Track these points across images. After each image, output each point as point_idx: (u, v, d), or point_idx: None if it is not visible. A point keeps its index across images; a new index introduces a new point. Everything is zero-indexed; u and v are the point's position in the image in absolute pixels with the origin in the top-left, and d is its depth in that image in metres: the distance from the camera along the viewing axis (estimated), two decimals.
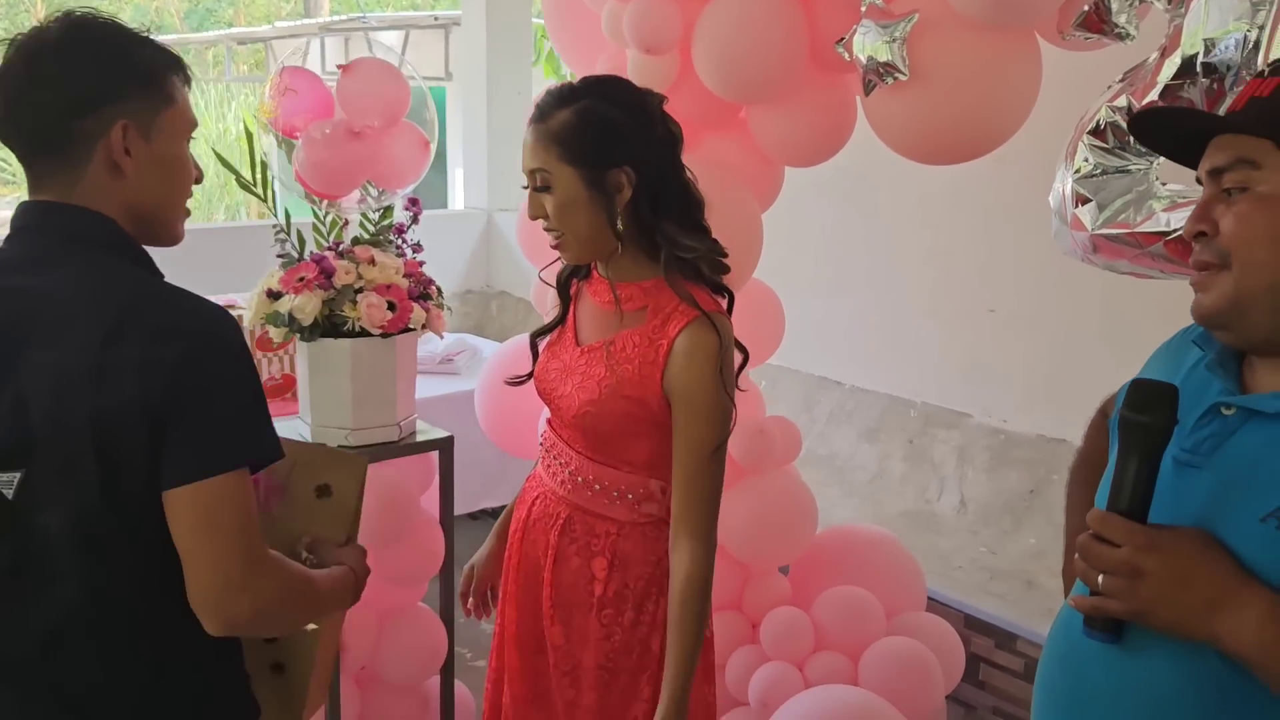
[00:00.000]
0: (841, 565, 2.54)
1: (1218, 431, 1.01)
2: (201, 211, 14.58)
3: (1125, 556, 0.95)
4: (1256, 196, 0.99)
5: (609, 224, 1.52)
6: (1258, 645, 0.90)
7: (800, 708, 2.16)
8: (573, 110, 1.51)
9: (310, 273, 2.17)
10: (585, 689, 1.63)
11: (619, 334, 1.56)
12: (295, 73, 2.25)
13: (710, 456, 1.52)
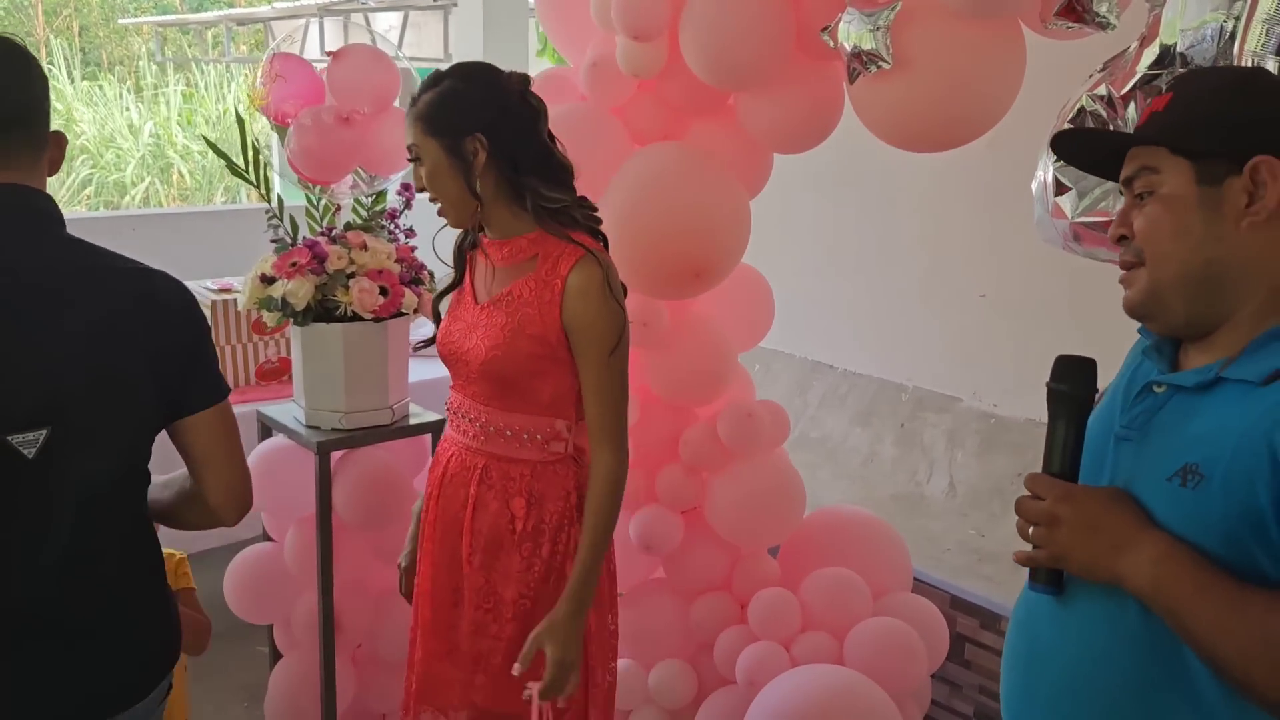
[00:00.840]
0: (829, 547, 2.57)
1: (1149, 408, 1.09)
2: (202, 193, 14.60)
3: (1046, 507, 1.05)
4: (1159, 198, 1.08)
5: (466, 185, 1.69)
6: (1151, 581, 0.98)
7: (785, 686, 2.20)
8: (434, 91, 1.71)
9: (303, 258, 2.20)
10: (506, 621, 1.76)
11: (515, 283, 1.72)
12: (286, 59, 2.27)
13: (608, 364, 1.70)
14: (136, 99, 15.31)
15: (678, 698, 2.49)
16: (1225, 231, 1.05)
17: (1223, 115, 1.07)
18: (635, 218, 2.17)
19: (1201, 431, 1.01)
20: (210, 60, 14.74)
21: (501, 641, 1.76)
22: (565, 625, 1.66)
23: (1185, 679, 0.99)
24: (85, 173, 14.61)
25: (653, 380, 2.47)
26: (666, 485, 2.49)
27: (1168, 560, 0.97)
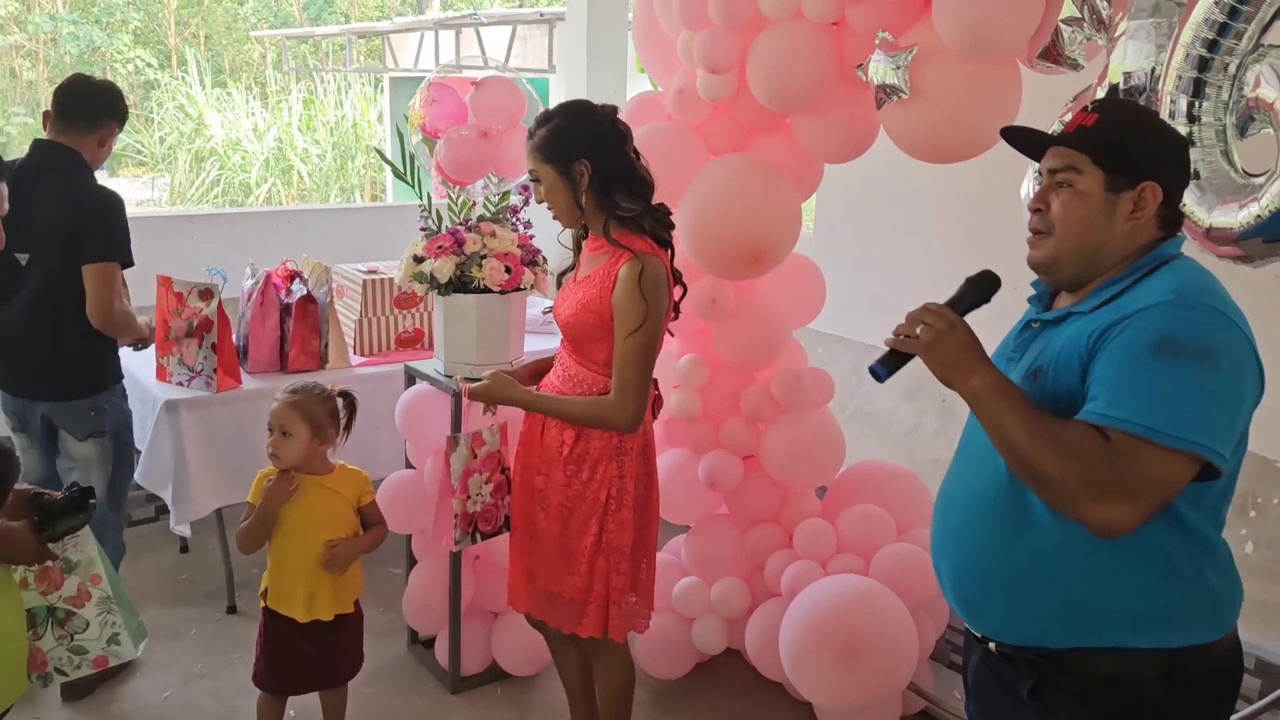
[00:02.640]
0: (865, 490, 3.08)
1: (1027, 338, 1.62)
2: (318, 193, 15.58)
3: (938, 317, 1.53)
4: (1076, 192, 1.56)
5: (574, 199, 2.27)
6: (980, 394, 1.47)
7: (816, 591, 2.73)
8: (546, 128, 2.28)
9: (447, 242, 2.82)
10: (552, 520, 2.38)
11: (594, 270, 2.31)
12: (439, 86, 2.89)
13: (627, 341, 2.22)
14: (262, 105, 16.34)
15: (734, 608, 3.04)
16: (1112, 225, 1.54)
17: (1133, 145, 1.54)
18: (708, 213, 2.73)
19: (1049, 346, 1.53)
20: (330, 70, 15.70)
21: (550, 536, 2.39)
22: (508, 390, 2.37)
23: (1027, 508, 1.49)
24: (214, 173, 15.70)
25: (719, 347, 3.01)
26: (729, 434, 3.03)
27: (995, 385, 1.46)
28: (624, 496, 2.34)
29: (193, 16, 22.72)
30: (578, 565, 2.36)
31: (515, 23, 10.91)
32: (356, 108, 15.67)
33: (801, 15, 2.57)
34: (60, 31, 19.55)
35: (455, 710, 3.02)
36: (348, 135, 15.71)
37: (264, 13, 22.10)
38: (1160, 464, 1.36)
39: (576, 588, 2.37)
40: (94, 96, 2.93)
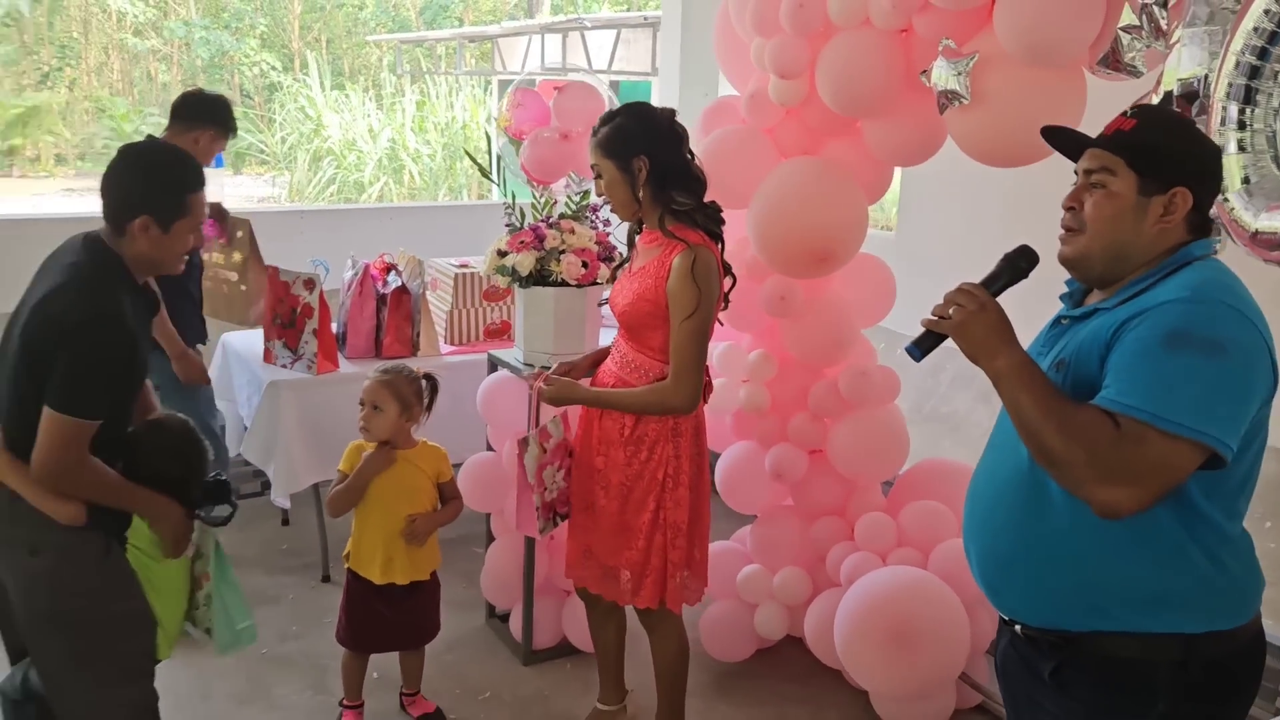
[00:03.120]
0: (929, 487, 3.14)
1: (1057, 334, 1.68)
2: (428, 192, 16.08)
3: (972, 298, 1.60)
4: (1109, 193, 1.62)
5: (633, 193, 2.43)
6: (994, 376, 1.54)
7: (873, 579, 2.81)
8: (609, 126, 2.45)
9: (528, 238, 2.99)
10: (611, 499, 2.53)
11: (648, 261, 2.47)
12: (524, 92, 3.07)
13: (682, 326, 2.37)
14: (377, 106, 16.94)
15: (795, 596, 3.14)
16: (1142, 227, 1.61)
17: (1168, 151, 1.60)
18: (775, 213, 2.84)
19: (1073, 340, 1.60)
20: (442, 72, 16.19)
21: (609, 513, 2.54)
22: (572, 391, 2.52)
23: (1045, 492, 1.57)
24: (330, 172, 16.33)
25: (788, 343, 3.11)
26: (796, 428, 3.13)
27: (1019, 366, 1.53)
28: (680, 475, 2.49)
29: (315, 21, 23.66)
30: (635, 540, 2.51)
31: (619, 27, 11.12)
32: (466, 110, 16.13)
33: (869, 23, 2.66)
34: (193, 36, 20.60)
35: (526, 680, 3.20)
36: (457, 136, 16.18)
37: (382, 17, 22.90)
38: (1165, 450, 1.42)
39: (634, 561, 2.52)
40: (197, 104, 3.34)
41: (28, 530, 2.04)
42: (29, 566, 2.06)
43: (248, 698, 3.06)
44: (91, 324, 1.96)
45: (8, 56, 20.39)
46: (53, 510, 2.03)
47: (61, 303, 1.98)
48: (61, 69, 21.44)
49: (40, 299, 2.00)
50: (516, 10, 21.70)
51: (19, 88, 21.02)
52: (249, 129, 17.14)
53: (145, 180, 2.08)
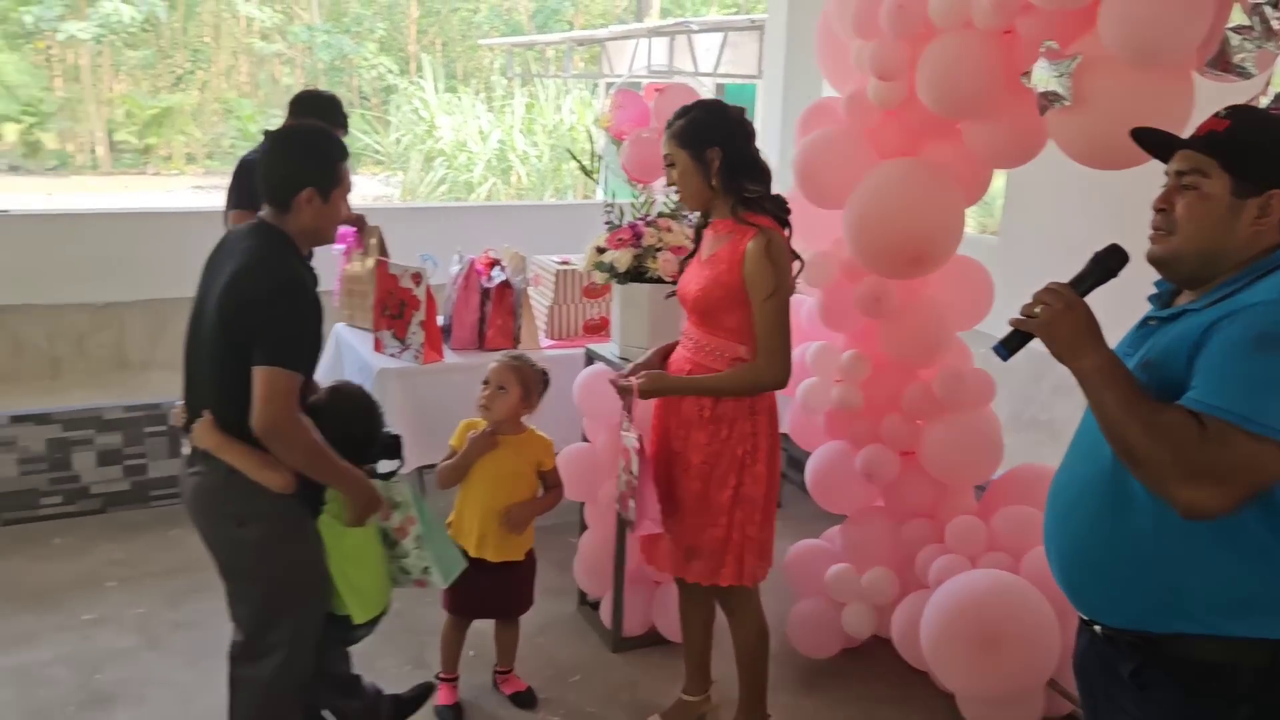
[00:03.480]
0: (1026, 493, 3.10)
1: (1144, 335, 1.67)
2: (535, 192, 16.38)
3: (1059, 297, 1.59)
4: (1202, 195, 1.61)
5: (706, 182, 2.52)
6: (1089, 374, 1.54)
7: (961, 581, 2.80)
8: (684, 119, 2.56)
9: (627, 235, 3.07)
10: (692, 479, 2.60)
11: (720, 248, 2.54)
12: (625, 94, 3.15)
13: (764, 305, 2.46)
14: (488, 109, 17.33)
15: (883, 596, 3.14)
16: (1235, 230, 1.59)
17: (1263, 153, 1.59)
18: (870, 213, 2.86)
19: (1160, 341, 1.60)
20: (551, 75, 16.47)
21: (690, 494, 2.60)
22: (664, 381, 2.57)
23: (1128, 492, 1.56)
24: (441, 173, 16.77)
25: (882, 344, 3.12)
26: (888, 429, 3.14)
27: (1105, 366, 1.53)
28: (758, 452, 2.57)
29: (431, 25, 24.31)
30: (718, 518, 2.58)
31: (726, 30, 11.16)
32: (574, 112, 16.38)
33: (970, 24, 2.66)
34: (315, 40, 21.38)
35: (614, 666, 3.28)
36: (564, 138, 16.44)
37: (495, 21, 23.40)
38: (1250, 451, 1.41)
39: (717, 539, 2.59)
40: (307, 100, 3.62)
41: (238, 503, 2.26)
42: (236, 536, 2.29)
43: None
44: (284, 289, 2.19)
45: (145, 60, 21.50)
46: (268, 479, 2.23)
47: (250, 279, 2.19)
48: (194, 72, 22.50)
49: (227, 283, 2.20)
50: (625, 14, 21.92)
51: (155, 90, 22.15)
52: (365, 130, 17.70)
53: (303, 156, 2.29)
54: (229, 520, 2.29)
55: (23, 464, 4.11)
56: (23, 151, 20.71)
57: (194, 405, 2.32)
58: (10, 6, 19.66)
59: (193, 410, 2.31)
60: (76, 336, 4.94)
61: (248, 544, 2.30)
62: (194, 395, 2.32)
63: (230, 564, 2.36)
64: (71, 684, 3.09)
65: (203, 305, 2.28)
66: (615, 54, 13.57)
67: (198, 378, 2.31)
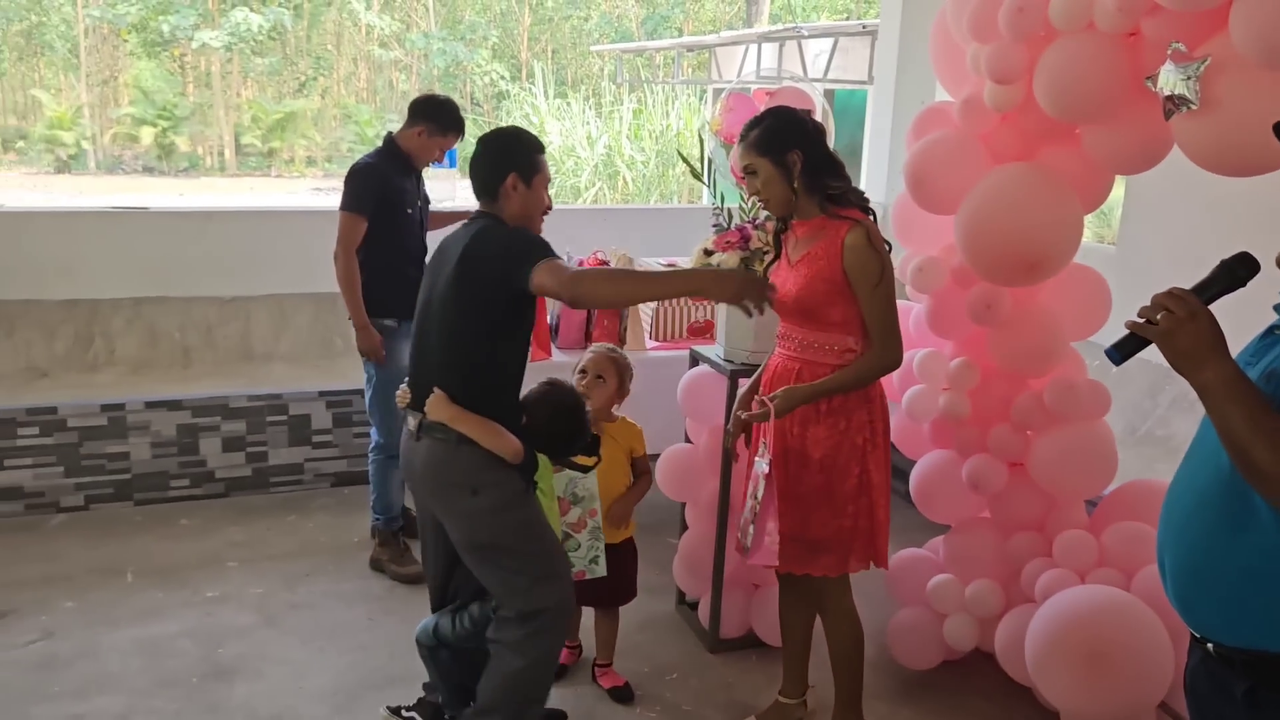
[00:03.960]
0: (1140, 509, 3.01)
1: (1268, 345, 1.61)
2: (640, 197, 16.50)
3: (1182, 304, 1.53)
4: None
5: (790, 185, 2.57)
6: (1200, 388, 1.48)
7: (1070, 595, 2.73)
8: (759, 128, 2.60)
9: (734, 238, 3.09)
10: (814, 474, 2.62)
11: (813, 246, 2.59)
12: (737, 97, 3.17)
13: (874, 294, 2.52)
14: (596, 114, 17.54)
15: (987, 608, 3.09)
16: None
17: None
18: (982, 219, 2.82)
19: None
20: (659, 81, 16.56)
21: (813, 489, 2.61)
22: (794, 394, 2.56)
23: (1249, 507, 1.51)
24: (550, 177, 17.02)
25: (993, 352, 3.07)
26: (996, 439, 3.08)
27: (1228, 379, 1.47)
28: (876, 438, 2.61)
29: (543, 32, 24.72)
30: (844, 508, 2.61)
31: (837, 35, 11.07)
32: (681, 118, 16.45)
33: (1093, 26, 2.60)
34: (431, 47, 21.95)
35: (710, 667, 3.30)
36: (671, 144, 16.52)
37: (605, 28, 23.65)
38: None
39: (844, 529, 2.62)
40: (421, 104, 3.78)
41: (470, 473, 2.44)
42: (471, 505, 2.45)
43: None
44: (515, 230, 2.50)
45: (271, 67, 22.41)
46: (501, 447, 2.43)
47: (480, 241, 2.45)
48: (316, 78, 23.35)
49: (460, 256, 2.44)
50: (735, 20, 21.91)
51: (279, 95, 23.05)
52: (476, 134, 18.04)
53: (502, 149, 2.57)
54: (463, 490, 2.45)
55: (155, 447, 4.35)
56: (157, 154, 21.79)
57: (421, 386, 2.51)
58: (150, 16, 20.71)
59: (418, 391, 2.53)
60: (206, 328, 5.19)
61: (483, 511, 2.46)
62: (422, 377, 2.52)
63: (468, 535, 2.50)
64: (195, 656, 3.26)
65: (430, 295, 2.54)
66: (724, 60, 13.58)
67: (429, 361, 2.52)
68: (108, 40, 22.32)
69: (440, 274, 2.51)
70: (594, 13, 24.41)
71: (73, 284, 4.96)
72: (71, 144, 21.37)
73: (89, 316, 5.07)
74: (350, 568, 3.87)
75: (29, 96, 22.99)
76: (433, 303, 2.52)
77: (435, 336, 2.50)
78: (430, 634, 2.68)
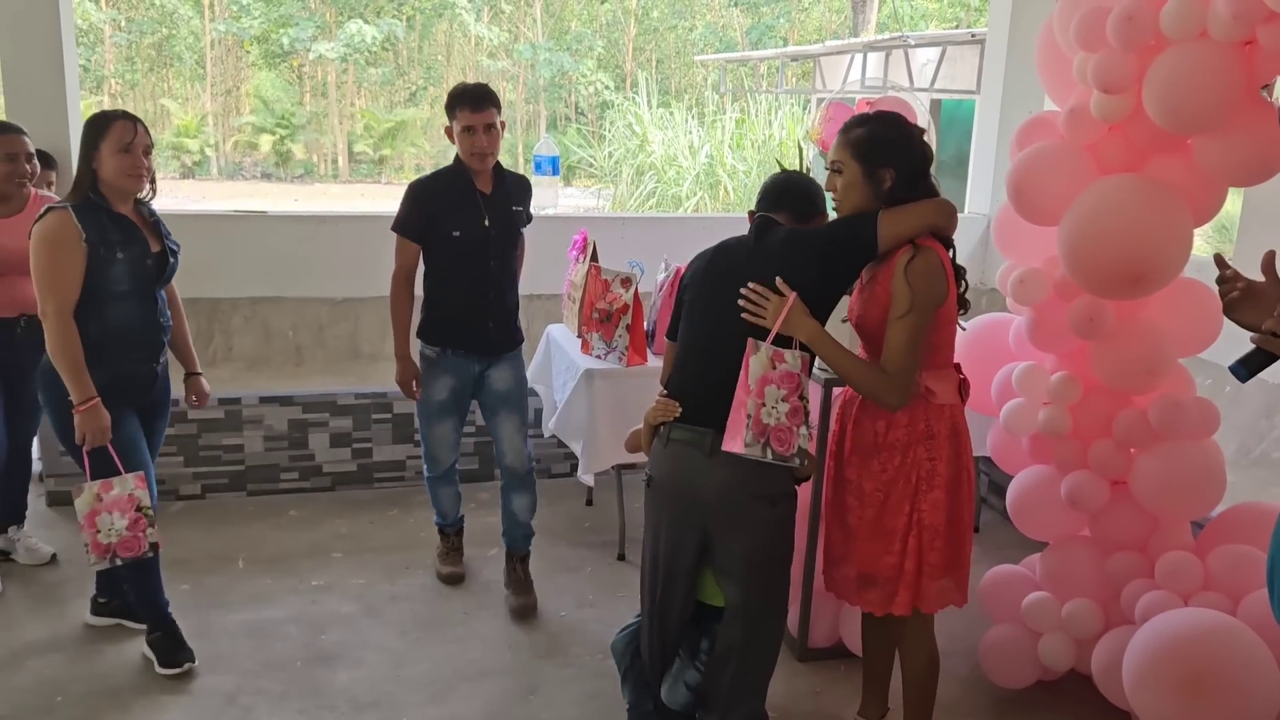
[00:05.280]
0: (1250, 532, 2.91)
1: None
2: (742, 207, 16.48)
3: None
4: None
5: (871, 199, 2.43)
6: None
7: (1173, 618, 2.65)
8: (865, 128, 2.45)
9: None
10: (867, 506, 2.57)
11: (877, 270, 2.48)
12: (837, 106, 3.18)
13: (899, 321, 2.39)
14: (699, 124, 17.59)
15: (1084, 629, 3.02)
16: None
17: None
18: (1085, 230, 2.76)
19: None
20: (763, 91, 16.53)
21: (864, 521, 2.57)
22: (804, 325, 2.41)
23: None
24: (651, 186, 17.13)
25: (1095, 367, 3.00)
26: (1097, 456, 3.01)
27: None
28: (934, 478, 2.50)
29: (648, 43, 24.91)
30: (892, 544, 2.54)
31: (944, 44, 10.91)
32: (784, 128, 16.38)
33: (1206, 35, 2.54)
34: (538, 58, 22.33)
35: (799, 675, 3.29)
36: (774, 154, 16.45)
37: (710, 38, 23.72)
38: None
39: (891, 566, 2.55)
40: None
41: (773, 484, 2.47)
42: (770, 516, 2.49)
43: (546, 652, 3.38)
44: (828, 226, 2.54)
45: (384, 77, 23.11)
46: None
47: (798, 237, 2.49)
48: (426, 88, 23.98)
49: (779, 248, 2.48)
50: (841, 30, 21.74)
51: (391, 105, 23.75)
52: (580, 144, 18.30)
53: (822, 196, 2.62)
54: (763, 501, 2.47)
55: (268, 441, 4.55)
56: (275, 160, 22.67)
57: (720, 392, 2.41)
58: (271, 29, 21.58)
59: (700, 404, 2.48)
60: (317, 327, 5.41)
61: (781, 522, 2.52)
62: (710, 390, 2.45)
63: (758, 545, 2.50)
64: (300, 641, 3.40)
65: (715, 300, 2.51)
66: (829, 69, 13.50)
67: (716, 373, 2.45)
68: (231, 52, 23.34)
69: (728, 280, 2.48)
70: (699, 23, 24.49)
71: (195, 283, 5.21)
72: (196, 151, 22.42)
73: (210, 314, 5.34)
74: None
75: (159, 105, 24.17)
76: (721, 308, 2.48)
77: (727, 345, 2.42)
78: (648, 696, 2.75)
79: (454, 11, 22.24)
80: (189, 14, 22.33)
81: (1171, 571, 2.85)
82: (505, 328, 3.58)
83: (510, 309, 3.59)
